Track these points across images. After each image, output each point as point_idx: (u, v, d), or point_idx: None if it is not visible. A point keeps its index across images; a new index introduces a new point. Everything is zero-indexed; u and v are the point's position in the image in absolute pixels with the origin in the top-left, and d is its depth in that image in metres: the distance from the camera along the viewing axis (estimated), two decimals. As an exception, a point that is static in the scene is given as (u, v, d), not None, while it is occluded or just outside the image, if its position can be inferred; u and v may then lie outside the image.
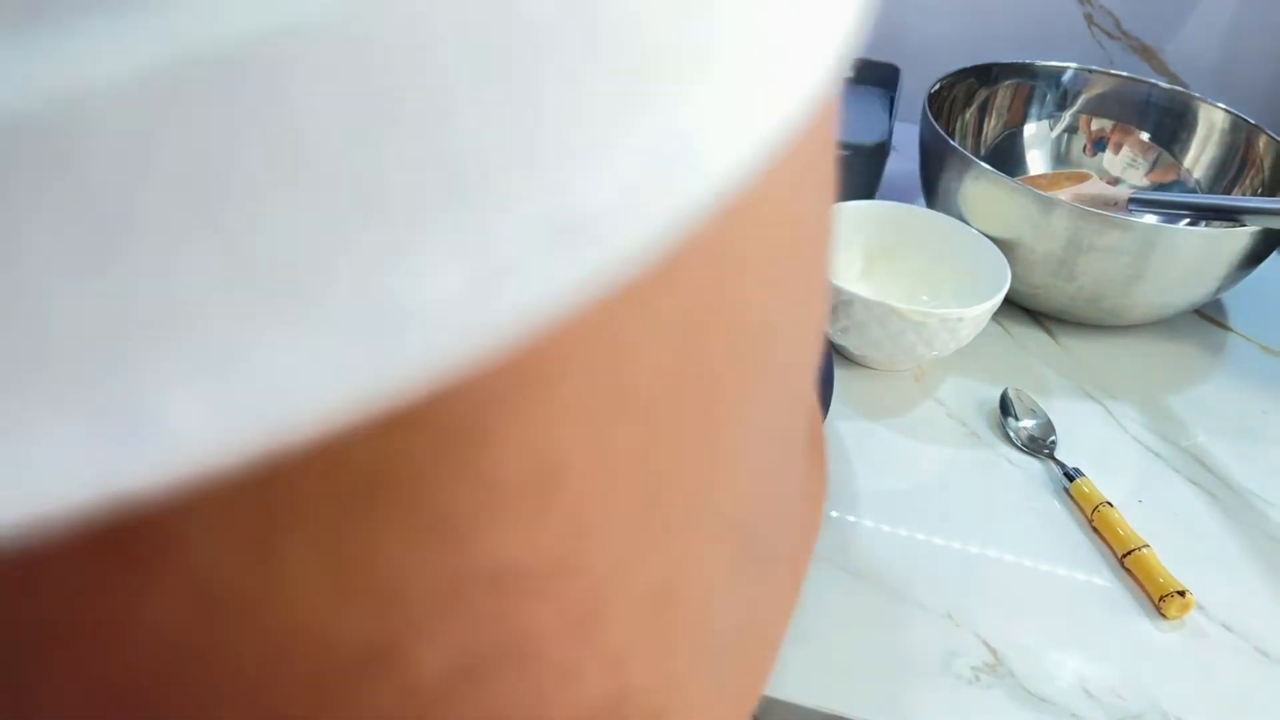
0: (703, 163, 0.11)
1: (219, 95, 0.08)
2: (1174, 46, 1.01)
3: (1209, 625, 0.58)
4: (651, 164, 0.10)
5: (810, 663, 0.52)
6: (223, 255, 0.09)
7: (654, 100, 0.10)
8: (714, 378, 0.14)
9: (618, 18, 0.10)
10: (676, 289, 0.12)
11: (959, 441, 0.68)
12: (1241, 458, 0.70)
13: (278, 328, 0.09)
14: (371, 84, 0.09)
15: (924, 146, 0.83)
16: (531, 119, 0.10)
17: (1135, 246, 0.71)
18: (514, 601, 0.13)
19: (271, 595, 0.11)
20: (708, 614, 0.17)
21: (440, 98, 0.09)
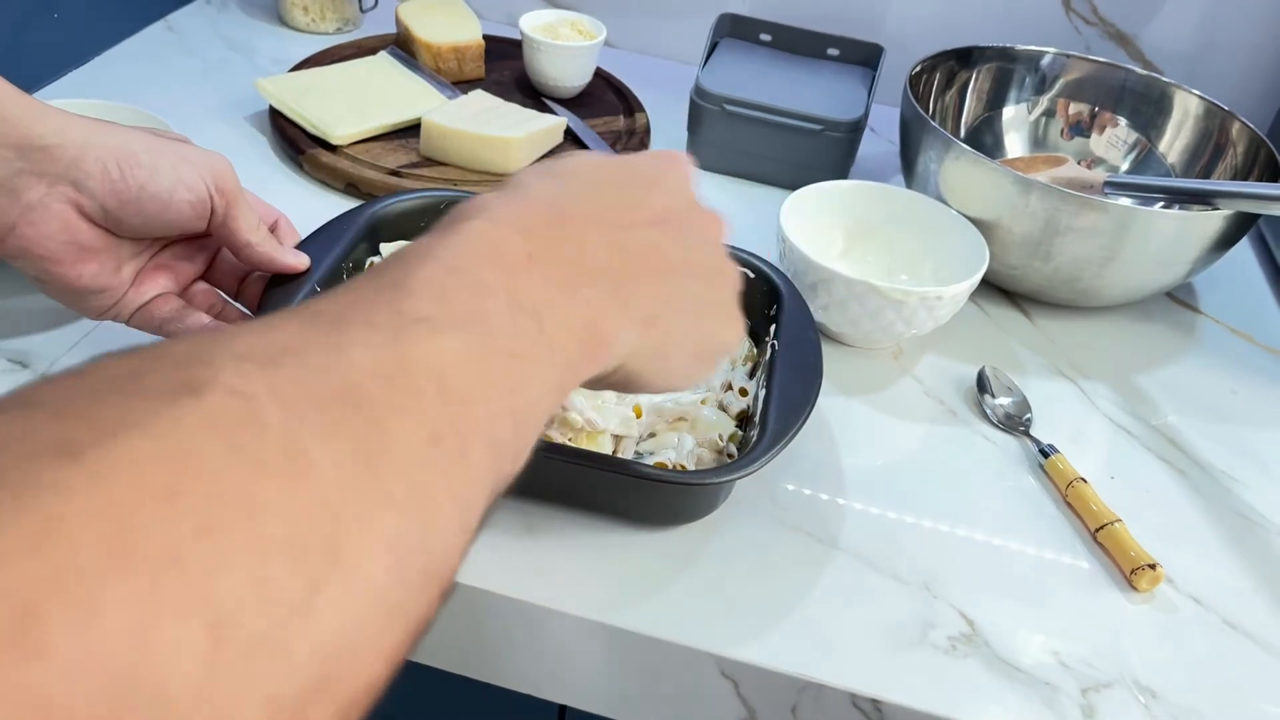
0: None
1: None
2: (1149, 33, 1.02)
3: (1178, 598, 0.59)
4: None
5: (791, 632, 0.53)
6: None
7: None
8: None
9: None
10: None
11: (936, 418, 0.69)
12: (1210, 436, 0.71)
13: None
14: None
15: (904, 127, 0.83)
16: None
17: (1110, 228, 0.72)
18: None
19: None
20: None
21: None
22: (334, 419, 0.23)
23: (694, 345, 0.41)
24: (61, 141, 0.50)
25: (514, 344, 0.30)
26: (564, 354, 0.32)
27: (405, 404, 0.25)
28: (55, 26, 0.90)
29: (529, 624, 0.53)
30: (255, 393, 0.22)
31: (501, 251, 0.32)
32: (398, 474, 0.24)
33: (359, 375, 0.25)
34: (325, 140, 0.84)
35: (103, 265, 0.53)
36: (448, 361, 0.27)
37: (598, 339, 0.34)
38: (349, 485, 0.23)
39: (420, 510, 0.24)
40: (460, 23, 0.99)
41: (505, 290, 0.31)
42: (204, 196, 0.54)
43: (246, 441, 0.21)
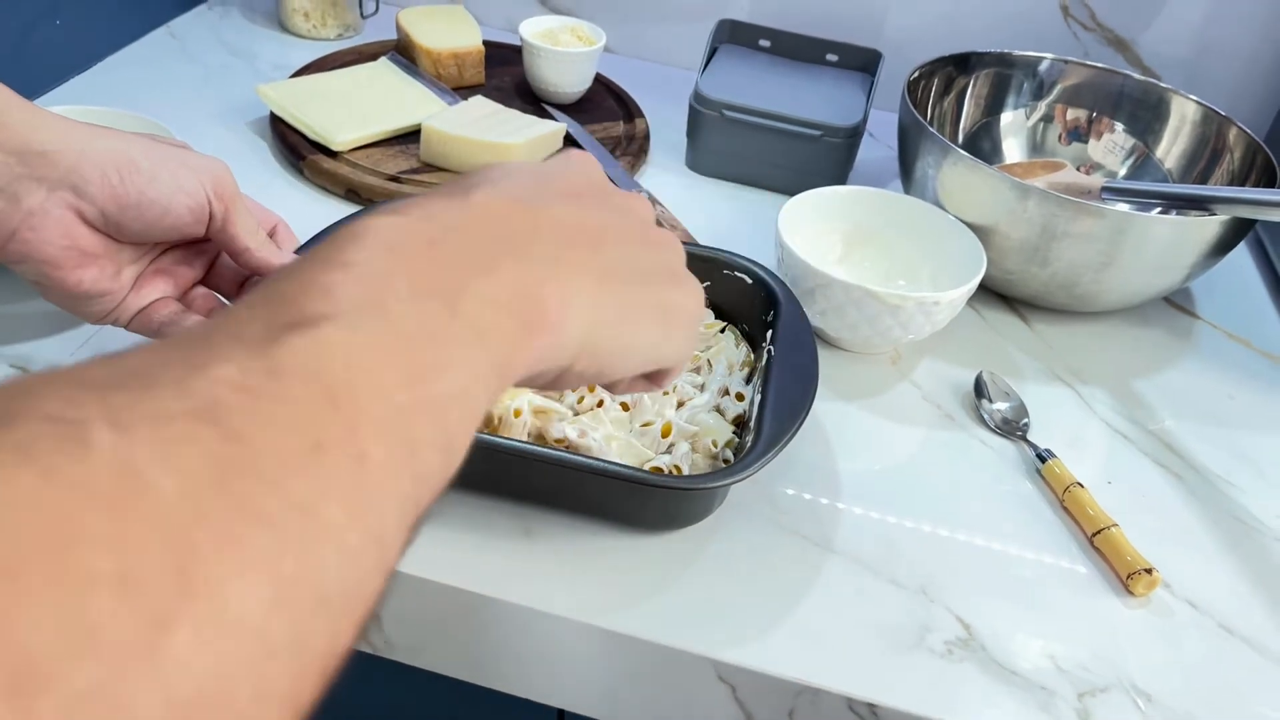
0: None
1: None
2: (1147, 39, 1.02)
3: (1175, 602, 0.59)
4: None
5: (788, 637, 0.53)
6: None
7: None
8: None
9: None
10: None
11: (934, 423, 0.70)
12: (1207, 441, 0.72)
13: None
14: None
15: (902, 132, 0.84)
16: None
17: (1108, 234, 0.73)
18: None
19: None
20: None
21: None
22: (183, 435, 0.20)
23: (655, 307, 0.37)
24: (61, 147, 0.50)
25: (419, 329, 0.26)
26: (495, 333, 0.29)
27: (275, 413, 0.22)
28: (58, 32, 0.90)
29: (526, 628, 0.54)
30: (82, 418, 0.19)
31: (398, 241, 0.28)
32: (267, 489, 0.21)
33: (218, 389, 0.21)
34: (326, 146, 0.84)
35: (103, 270, 0.54)
36: (331, 359, 0.24)
37: (539, 310, 0.31)
38: (200, 506, 0.19)
39: (303, 526, 0.21)
40: (460, 29, 1.00)
41: (405, 276, 0.27)
42: (203, 202, 0.54)
43: (62, 466, 0.18)
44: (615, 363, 0.36)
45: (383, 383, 0.24)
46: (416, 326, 0.26)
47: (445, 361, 0.27)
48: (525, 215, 0.33)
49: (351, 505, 0.22)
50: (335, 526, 0.22)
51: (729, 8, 1.08)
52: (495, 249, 0.30)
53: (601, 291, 0.34)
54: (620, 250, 0.36)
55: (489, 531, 0.56)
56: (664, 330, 0.38)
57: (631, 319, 0.36)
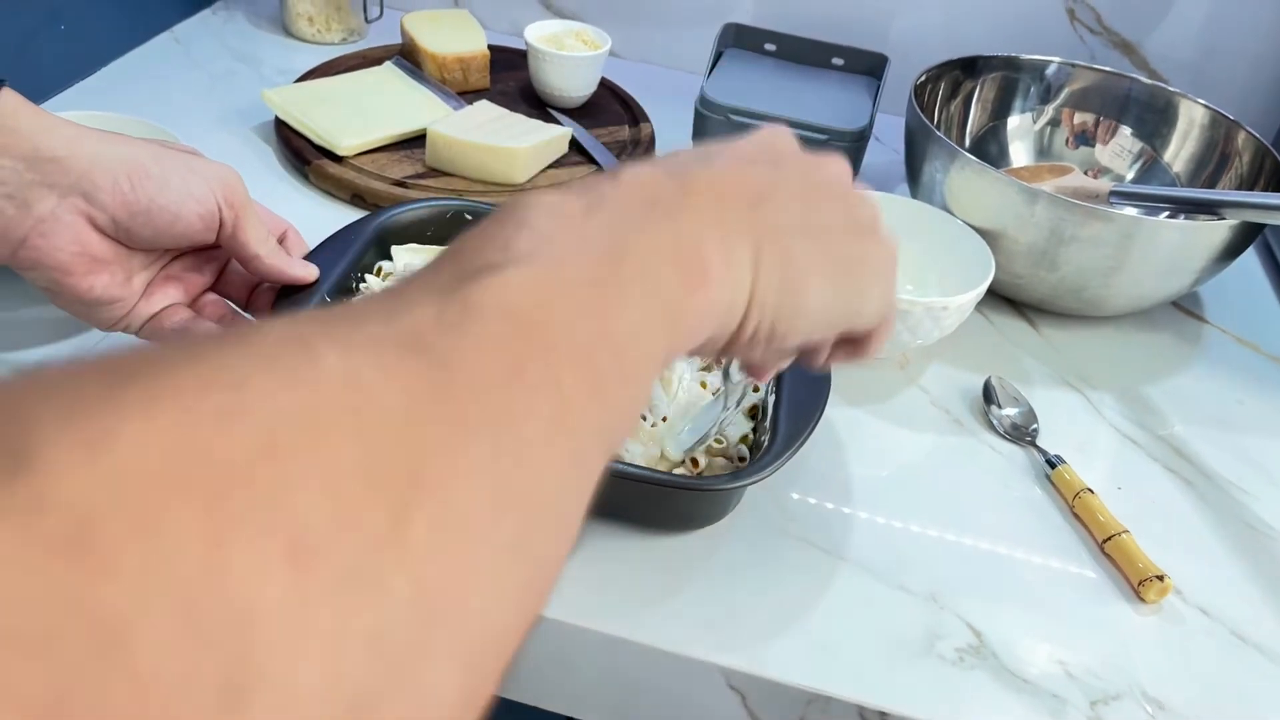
0: None
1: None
2: (1153, 42, 1.02)
3: (1186, 609, 0.59)
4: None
5: (797, 644, 0.53)
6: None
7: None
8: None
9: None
10: None
11: (943, 428, 0.69)
12: (1217, 446, 0.71)
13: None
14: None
15: (909, 136, 0.83)
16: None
17: (1116, 238, 0.72)
18: None
19: None
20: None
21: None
22: (397, 359, 0.22)
23: (832, 265, 0.36)
24: (72, 154, 0.50)
25: (592, 276, 0.27)
26: (659, 283, 0.29)
27: (476, 342, 0.23)
28: (62, 38, 0.90)
29: (534, 634, 0.53)
30: (307, 336, 0.21)
31: (558, 209, 0.29)
32: (480, 406, 0.22)
33: (420, 324, 0.23)
34: (331, 151, 0.84)
35: (113, 276, 0.54)
36: (519, 296, 0.25)
37: (698, 267, 0.31)
38: (421, 414, 0.21)
39: (513, 441, 0.22)
40: (465, 33, 1.00)
41: (571, 234, 0.28)
42: (213, 209, 0.54)
43: (303, 372, 0.20)
44: (794, 323, 0.35)
45: (567, 317, 0.26)
46: (589, 274, 0.27)
47: (619, 304, 0.28)
48: (674, 181, 0.33)
49: (554, 424, 0.24)
50: (541, 443, 0.23)
51: (734, 12, 1.08)
52: (648, 212, 0.31)
53: (770, 248, 0.33)
54: (793, 205, 0.35)
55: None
56: (847, 287, 0.36)
57: (807, 276, 0.35)
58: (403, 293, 0.25)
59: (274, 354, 0.20)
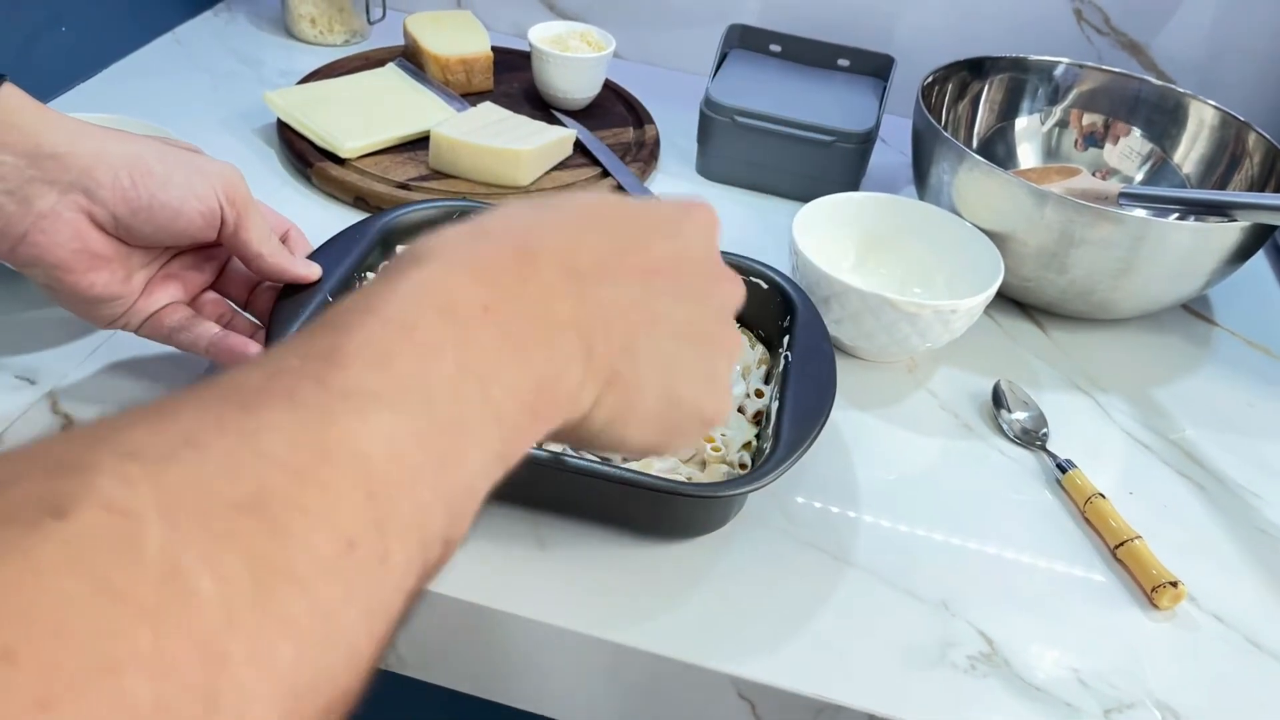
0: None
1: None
2: (1160, 42, 1.02)
3: (1200, 616, 0.58)
4: None
5: (807, 652, 0.52)
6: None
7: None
8: None
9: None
10: None
11: (952, 433, 0.69)
12: (1228, 450, 0.70)
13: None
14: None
15: (917, 138, 0.83)
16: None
17: (1126, 240, 0.72)
18: None
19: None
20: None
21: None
22: (228, 530, 0.20)
23: (665, 413, 0.37)
24: (73, 150, 0.50)
25: (455, 415, 0.27)
26: (510, 421, 0.29)
27: (318, 505, 0.22)
28: (63, 40, 0.89)
29: (540, 643, 0.53)
30: (137, 506, 0.19)
31: (454, 302, 0.28)
32: (299, 595, 0.21)
33: (267, 469, 0.22)
34: (334, 153, 0.83)
35: (113, 274, 0.53)
36: (377, 447, 0.24)
37: (550, 401, 0.31)
38: (237, 618, 0.20)
39: (323, 634, 0.21)
40: (469, 35, 0.99)
41: (454, 350, 0.27)
42: (215, 207, 0.53)
43: (116, 576, 0.18)
44: (597, 442, 0.36)
45: (415, 475, 0.25)
46: (453, 413, 0.27)
47: (469, 449, 0.27)
48: (573, 295, 0.32)
49: (368, 609, 0.23)
50: (350, 634, 0.22)
51: (739, 13, 1.07)
52: (534, 332, 0.30)
53: (615, 388, 0.34)
54: (661, 345, 0.35)
55: (501, 542, 0.55)
56: (663, 433, 0.37)
57: (635, 419, 0.35)
58: (263, 395, 0.24)
59: (89, 547, 0.18)
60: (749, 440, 0.61)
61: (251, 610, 0.20)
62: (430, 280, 0.28)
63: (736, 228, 0.86)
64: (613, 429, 0.35)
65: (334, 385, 0.24)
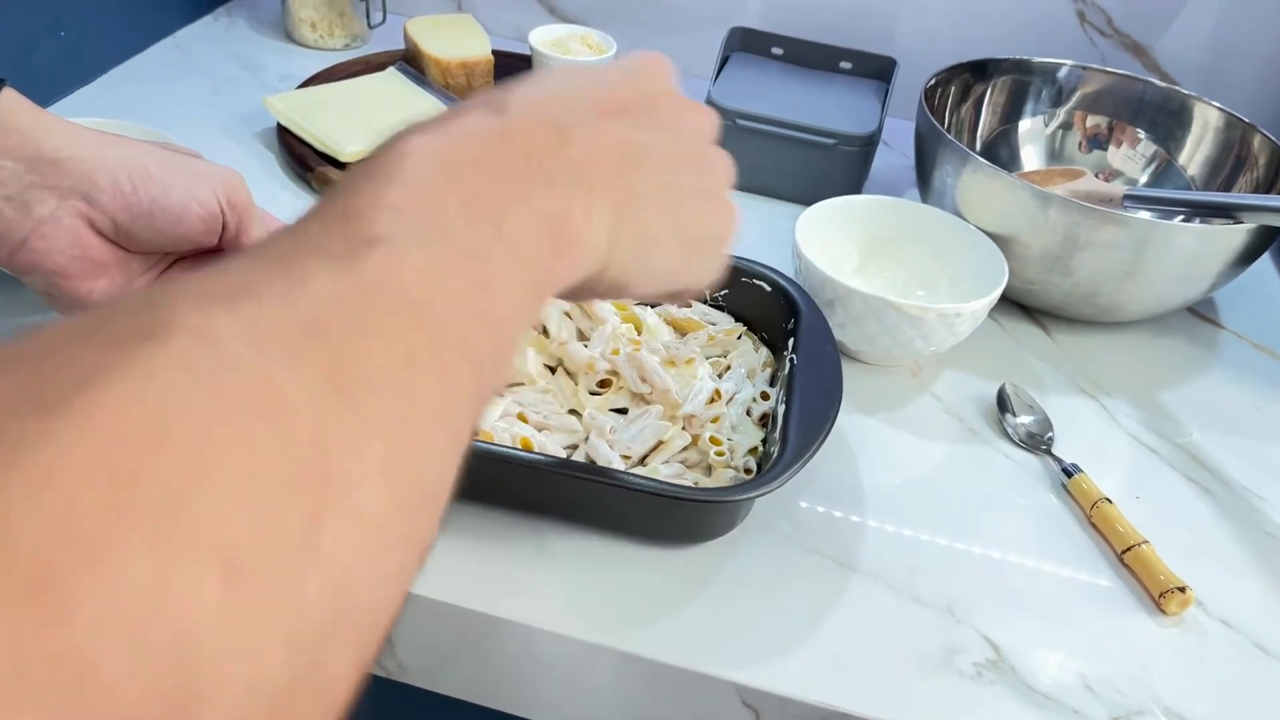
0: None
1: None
2: (1164, 44, 1.01)
3: (1208, 621, 0.57)
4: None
5: (811, 659, 0.52)
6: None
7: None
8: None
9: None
10: None
11: (956, 437, 0.68)
12: (1235, 454, 0.70)
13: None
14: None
15: (920, 140, 0.82)
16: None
17: (1131, 243, 0.71)
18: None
19: None
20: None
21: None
22: (302, 351, 0.23)
23: (680, 235, 0.39)
24: (73, 155, 0.50)
25: (474, 247, 0.29)
26: (532, 253, 0.31)
27: (373, 328, 0.24)
28: (63, 45, 0.89)
29: (542, 650, 0.52)
30: (219, 332, 0.21)
31: (446, 161, 0.30)
32: (376, 400, 0.24)
33: (321, 306, 0.24)
34: (334, 157, 0.83)
35: (113, 280, 0.53)
36: (410, 278, 0.26)
37: (567, 235, 0.33)
38: (329, 418, 0.22)
39: (405, 433, 0.24)
40: (469, 39, 0.99)
41: (457, 197, 0.29)
42: (215, 211, 0.53)
43: (220, 381, 0.21)
44: (635, 281, 0.38)
45: (452, 302, 0.27)
46: (471, 246, 0.28)
47: (497, 279, 0.29)
48: (557, 139, 0.34)
49: (439, 412, 0.26)
50: (429, 434, 0.25)
51: (741, 15, 1.07)
52: (529, 174, 0.32)
53: (626, 215, 0.35)
54: (662, 173, 0.37)
55: (503, 546, 0.55)
56: (686, 258, 0.40)
57: (654, 245, 0.37)
58: (297, 254, 0.25)
59: (190, 361, 0.21)
60: (755, 445, 0.60)
61: (338, 413, 0.22)
62: (419, 147, 0.30)
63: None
64: (637, 260, 0.37)
65: (357, 236, 0.26)
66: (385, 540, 0.23)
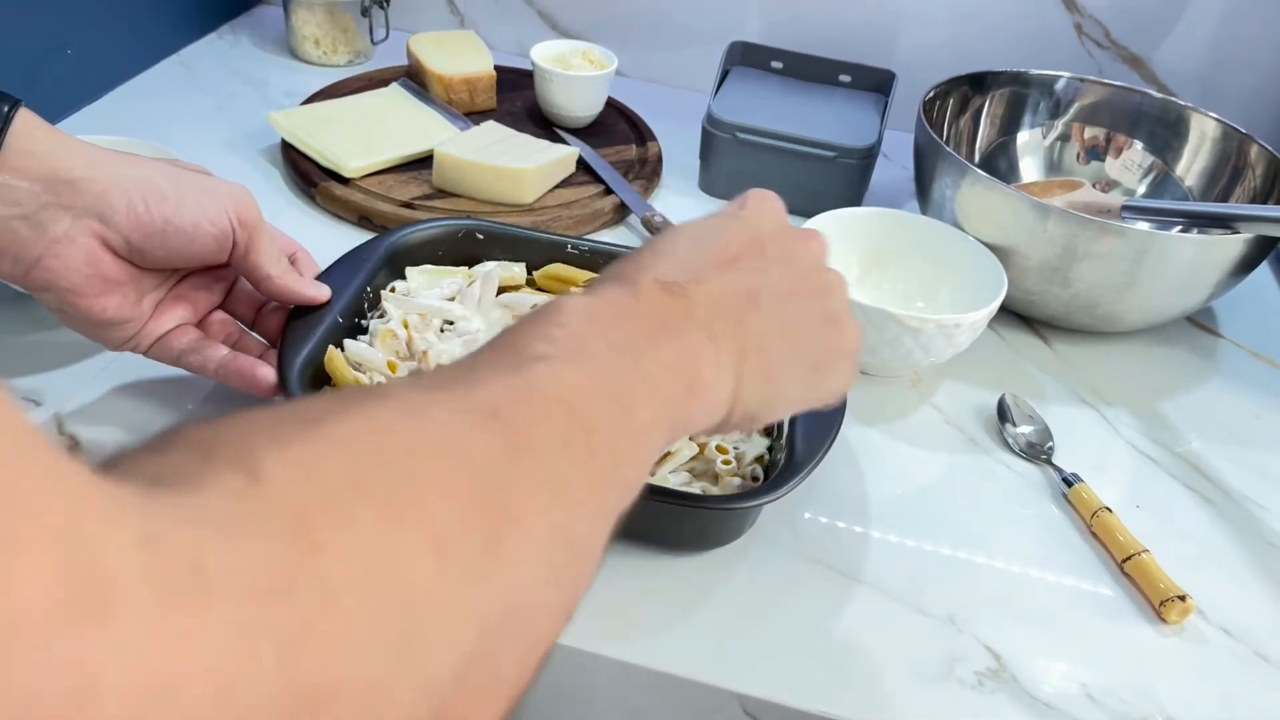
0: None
1: None
2: (1161, 56, 1.02)
3: (1209, 629, 0.58)
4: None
5: (813, 669, 0.52)
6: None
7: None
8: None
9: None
10: None
11: (957, 447, 0.68)
12: (1235, 462, 0.70)
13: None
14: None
15: (919, 153, 0.83)
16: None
17: (1129, 253, 0.72)
18: None
19: None
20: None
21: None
22: (483, 425, 0.29)
23: (804, 361, 0.42)
24: (88, 175, 0.50)
25: (618, 375, 0.34)
26: (667, 390, 0.36)
27: (537, 417, 0.31)
28: (69, 63, 0.90)
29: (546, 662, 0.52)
30: (422, 404, 0.29)
31: (594, 314, 0.36)
32: (540, 467, 0.30)
33: (496, 399, 0.30)
34: (338, 173, 0.84)
35: (125, 297, 0.54)
36: (566, 386, 0.32)
37: (698, 383, 0.38)
38: (505, 471, 0.29)
39: (562, 493, 0.30)
40: (471, 54, 1.00)
41: (601, 338, 0.35)
42: (226, 229, 0.54)
43: (425, 428, 0.28)
44: (769, 412, 0.42)
45: (601, 408, 0.33)
46: (615, 372, 0.35)
47: (637, 400, 0.35)
48: (681, 303, 0.39)
49: (588, 485, 0.32)
50: (580, 496, 0.31)
51: (740, 30, 1.07)
52: (660, 331, 0.37)
53: (749, 355, 0.40)
54: (771, 310, 0.41)
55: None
56: (817, 378, 0.43)
57: (780, 375, 0.41)
58: (475, 368, 0.32)
59: (403, 412, 0.28)
60: (761, 453, 0.61)
61: (511, 468, 0.29)
62: (571, 304, 0.37)
63: (740, 244, 0.86)
64: (765, 392, 0.41)
65: (523, 355, 0.33)
66: (547, 568, 0.29)
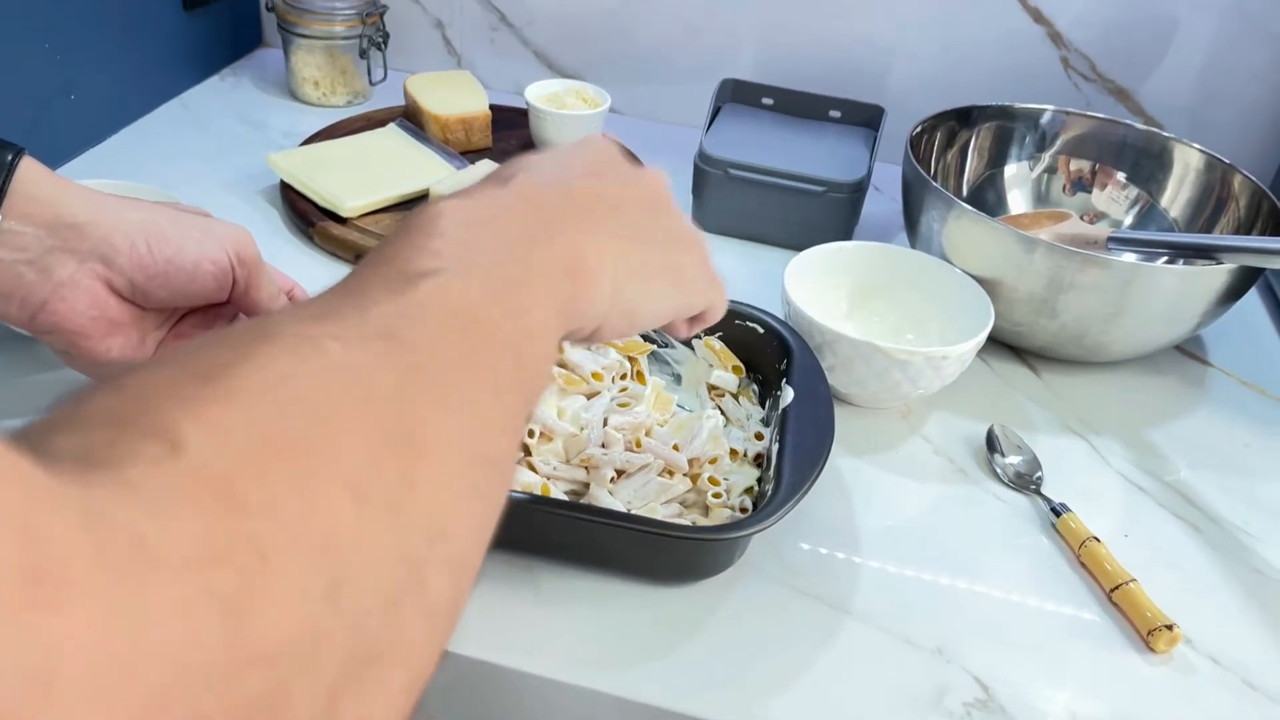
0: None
1: None
2: (1148, 89, 1.03)
3: (1197, 659, 0.58)
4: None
5: (801, 699, 0.53)
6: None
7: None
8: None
9: None
10: None
11: (946, 478, 0.69)
12: (1224, 491, 0.71)
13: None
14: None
15: (906, 187, 0.84)
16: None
17: (1115, 284, 0.73)
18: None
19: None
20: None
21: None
22: (380, 351, 0.29)
23: (664, 265, 0.44)
24: (92, 219, 0.52)
25: (506, 280, 0.35)
26: (555, 285, 0.37)
27: (433, 335, 0.31)
28: (72, 107, 0.92)
29: (536, 696, 0.53)
30: (314, 335, 0.28)
31: (473, 219, 0.36)
32: (443, 385, 0.30)
33: (388, 320, 0.30)
34: (335, 213, 0.85)
35: (128, 338, 0.55)
36: (457, 300, 0.32)
37: (583, 270, 0.39)
38: (408, 397, 0.29)
39: (468, 411, 0.31)
40: (467, 94, 1.01)
41: (482, 244, 0.35)
42: (226, 268, 0.55)
43: (325, 368, 0.27)
44: (642, 308, 0.43)
45: (493, 315, 0.33)
46: (503, 275, 0.35)
47: (528, 304, 0.35)
48: (556, 193, 0.41)
49: (493, 397, 0.32)
50: (488, 411, 0.32)
51: (732, 67, 1.09)
52: (543, 225, 0.38)
53: (623, 250, 0.41)
54: (636, 216, 0.43)
55: (496, 586, 0.56)
56: (675, 286, 0.45)
57: (648, 275, 0.43)
58: (361, 289, 0.32)
59: (299, 352, 0.27)
60: (751, 484, 0.61)
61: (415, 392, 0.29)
62: (448, 209, 0.36)
63: (731, 277, 0.85)
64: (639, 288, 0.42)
65: (407, 273, 0.32)
66: (465, 487, 0.29)
